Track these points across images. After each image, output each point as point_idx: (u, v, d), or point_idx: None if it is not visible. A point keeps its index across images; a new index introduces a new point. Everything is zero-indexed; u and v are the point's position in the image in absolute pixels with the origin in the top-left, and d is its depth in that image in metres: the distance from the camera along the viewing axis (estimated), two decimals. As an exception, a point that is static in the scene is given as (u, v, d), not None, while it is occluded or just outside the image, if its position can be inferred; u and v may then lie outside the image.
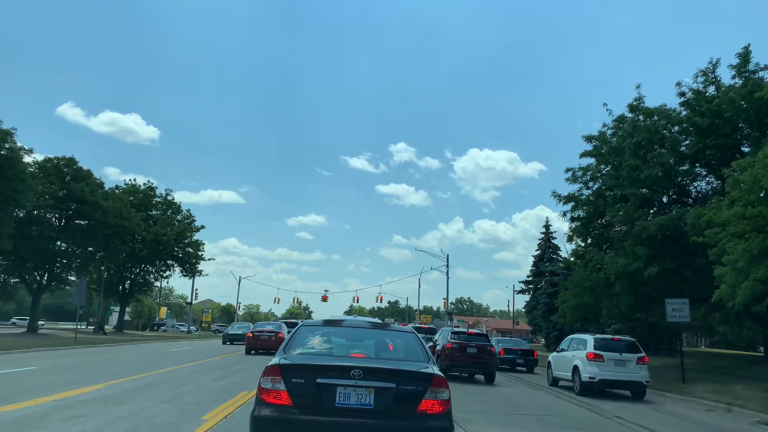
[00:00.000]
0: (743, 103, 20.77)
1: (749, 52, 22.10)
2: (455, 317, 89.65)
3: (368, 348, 6.14)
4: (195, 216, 59.05)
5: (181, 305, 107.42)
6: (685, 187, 26.15)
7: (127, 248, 47.53)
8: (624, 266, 22.95)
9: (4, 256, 38.86)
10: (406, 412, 5.04)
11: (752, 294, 15.22)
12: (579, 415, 12.29)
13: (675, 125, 24.77)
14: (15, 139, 31.71)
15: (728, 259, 16.15)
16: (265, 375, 5.17)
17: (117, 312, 64.39)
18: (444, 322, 68.48)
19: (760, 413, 13.08)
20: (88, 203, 40.15)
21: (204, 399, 10.59)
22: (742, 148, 23.11)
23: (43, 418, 7.85)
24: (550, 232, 61.08)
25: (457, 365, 19.09)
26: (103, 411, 8.67)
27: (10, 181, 30.77)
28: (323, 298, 76.95)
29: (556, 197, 28.90)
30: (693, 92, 23.78)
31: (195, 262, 58.02)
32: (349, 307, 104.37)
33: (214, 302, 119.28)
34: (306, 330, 6.38)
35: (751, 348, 53.09)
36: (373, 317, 18.63)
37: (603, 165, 27.63)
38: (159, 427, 7.71)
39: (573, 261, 31.63)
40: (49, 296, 76.80)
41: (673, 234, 22.30)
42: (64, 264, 44.10)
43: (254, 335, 28.09)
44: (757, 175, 15.38)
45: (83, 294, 33.26)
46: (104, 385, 11.76)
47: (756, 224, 15.50)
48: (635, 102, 27.17)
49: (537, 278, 59.68)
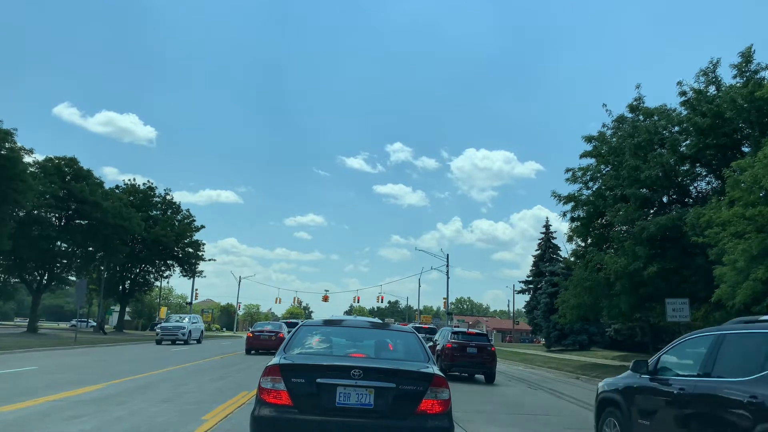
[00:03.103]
0: (744, 103, 20.78)
1: (752, 52, 22.12)
2: (455, 317, 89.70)
3: (368, 348, 6.15)
4: (194, 216, 59.11)
5: (181, 305, 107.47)
6: (685, 187, 26.17)
7: (127, 248, 47.51)
8: (624, 266, 22.96)
9: (4, 256, 38.85)
10: (406, 412, 5.04)
11: (752, 294, 15.23)
12: (580, 414, 12.29)
13: (675, 125, 24.80)
14: (15, 139, 31.74)
15: (728, 259, 16.17)
16: (265, 375, 5.17)
17: (117, 312, 64.39)
18: (444, 322, 68.53)
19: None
20: (89, 203, 40.15)
21: (204, 399, 10.59)
22: (742, 148, 23.12)
23: (43, 418, 7.85)
24: (550, 232, 61.13)
25: (457, 365, 19.08)
26: (103, 411, 8.67)
27: (10, 181, 30.77)
28: (324, 298, 77.03)
29: (556, 197, 28.97)
30: (694, 92, 23.81)
31: (195, 262, 58.02)
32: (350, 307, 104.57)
33: (214, 302, 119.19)
34: (306, 330, 6.38)
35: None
36: (373, 317, 18.66)
37: (603, 165, 27.67)
38: (159, 427, 7.71)
39: (573, 261, 31.67)
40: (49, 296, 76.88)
41: (673, 234, 22.31)
42: (64, 264, 44.11)
43: (254, 335, 28.11)
44: (757, 175, 15.39)
45: (83, 294, 33.30)
46: (104, 385, 11.76)
47: (756, 224, 15.50)
48: (635, 102, 27.22)
49: (537, 278, 59.72)
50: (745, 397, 4.77)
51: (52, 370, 14.99)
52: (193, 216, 58.36)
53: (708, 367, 5.59)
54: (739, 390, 4.90)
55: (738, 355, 5.37)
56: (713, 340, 5.79)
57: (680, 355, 6.39)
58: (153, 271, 58.13)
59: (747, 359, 5.15)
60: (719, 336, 5.76)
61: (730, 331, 5.71)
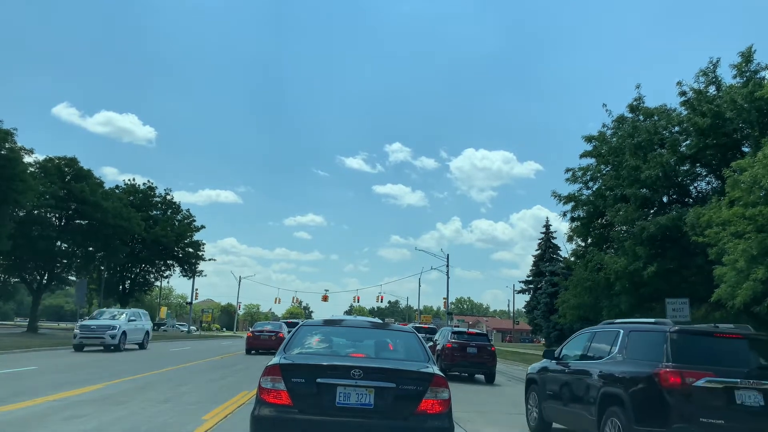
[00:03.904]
0: (744, 103, 20.77)
1: (752, 52, 22.10)
2: (455, 317, 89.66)
3: (368, 348, 6.15)
4: (194, 216, 59.10)
5: (182, 305, 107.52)
6: (685, 187, 26.17)
7: (127, 248, 47.53)
8: (624, 266, 22.95)
9: (4, 256, 38.84)
10: (406, 412, 5.04)
11: (752, 294, 15.21)
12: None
13: (675, 125, 24.80)
14: (15, 139, 31.75)
15: (728, 259, 16.15)
16: (265, 375, 5.17)
17: (117, 312, 64.34)
18: (444, 321, 68.46)
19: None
20: (89, 203, 40.14)
21: (204, 399, 10.59)
22: (742, 148, 23.12)
23: (43, 418, 7.85)
24: (550, 232, 61.16)
25: (457, 365, 19.08)
26: (103, 411, 8.67)
27: (11, 181, 30.76)
28: (323, 298, 76.93)
29: (556, 197, 28.99)
30: (694, 92, 23.80)
31: (195, 262, 58.03)
32: (350, 306, 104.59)
33: (215, 302, 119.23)
34: (306, 330, 6.38)
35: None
36: (373, 317, 18.63)
37: (603, 165, 27.68)
38: (159, 427, 7.71)
39: (573, 261, 31.66)
40: (49, 296, 76.83)
41: (673, 234, 22.31)
42: (64, 264, 44.09)
43: (254, 335, 28.11)
44: (756, 175, 15.37)
45: (83, 294, 33.28)
46: (104, 385, 11.76)
47: (756, 224, 15.49)
48: (635, 102, 27.22)
49: (537, 278, 59.74)
50: (598, 371, 7.52)
51: (51, 370, 14.98)
52: (193, 216, 58.39)
53: (585, 353, 8.44)
54: (597, 367, 7.64)
55: (599, 345, 8.11)
56: (588, 336, 8.71)
57: (573, 346, 9.07)
58: (153, 271, 58.15)
59: (602, 348, 7.95)
60: (592, 332, 8.68)
61: (598, 330, 8.62)
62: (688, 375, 6.26)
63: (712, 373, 6.29)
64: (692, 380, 6.23)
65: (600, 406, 7.14)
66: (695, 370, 6.31)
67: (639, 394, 6.58)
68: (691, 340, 6.83)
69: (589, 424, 7.40)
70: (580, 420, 7.82)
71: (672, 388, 6.25)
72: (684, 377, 6.25)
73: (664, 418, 6.23)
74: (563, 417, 8.52)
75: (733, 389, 6.28)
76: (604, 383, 7.21)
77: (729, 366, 6.48)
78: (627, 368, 7.02)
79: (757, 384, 6.33)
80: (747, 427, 6.27)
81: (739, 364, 6.54)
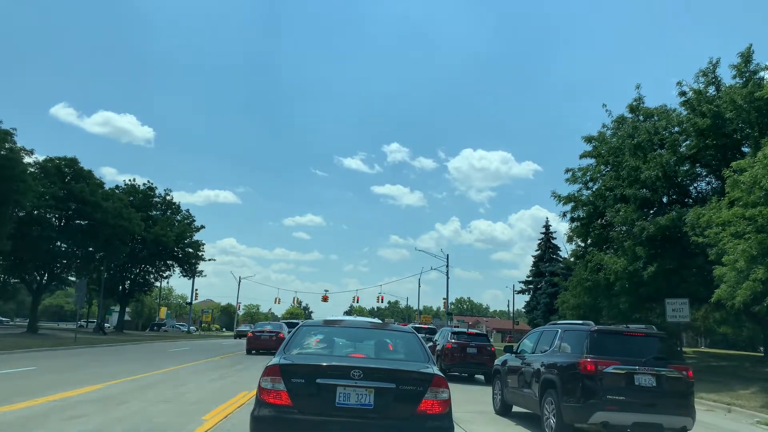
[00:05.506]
0: (743, 104, 20.79)
1: (752, 52, 22.12)
2: (455, 317, 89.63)
3: (368, 348, 6.15)
4: (194, 216, 59.11)
5: (181, 305, 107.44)
6: (685, 188, 26.17)
7: (127, 248, 47.48)
8: (624, 266, 22.96)
9: (4, 256, 38.78)
10: (406, 412, 5.04)
11: (752, 294, 15.22)
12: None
13: (675, 126, 24.80)
14: (15, 139, 31.70)
15: (728, 259, 16.16)
16: (265, 375, 5.17)
17: (117, 312, 64.35)
18: (444, 322, 68.45)
19: (760, 413, 13.09)
20: (89, 203, 40.10)
21: (204, 399, 10.59)
22: (742, 148, 23.12)
23: (43, 418, 7.85)
24: (549, 233, 61.17)
25: (457, 365, 19.07)
26: (103, 411, 8.67)
27: (10, 182, 30.71)
28: (323, 298, 76.85)
29: (555, 197, 28.99)
30: (694, 92, 23.81)
31: (195, 262, 58.02)
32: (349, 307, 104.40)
33: (214, 302, 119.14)
34: (306, 330, 6.38)
35: (751, 348, 53.10)
36: (373, 317, 18.62)
37: (603, 165, 27.67)
38: (159, 427, 7.72)
39: (573, 261, 31.68)
40: (49, 296, 76.83)
41: (673, 234, 22.32)
42: (64, 264, 44.05)
43: (254, 335, 28.10)
44: (756, 175, 15.39)
45: (83, 294, 33.23)
46: (104, 385, 11.76)
47: (756, 224, 15.50)
48: (635, 102, 27.21)
49: (537, 278, 59.75)
50: (541, 362, 9.43)
51: (52, 370, 14.98)
52: (192, 216, 58.44)
53: (535, 347, 10.25)
54: (541, 359, 9.52)
55: (545, 341, 10.01)
56: (538, 334, 10.66)
57: (528, 343, 10.90)
58: (153, 271, 58.15)
59: (546, 343, 9.89)
60: (541, 331, 10.75)
61: (545, 329, 10.68)
62: (600, 363, 8.16)
63: (618, 362, 8.19)
64: (603, 367, 8.13)
65: (541, 389, 9.10)
66: (606, 360, 8.20)
67: (566, 378, 8.48)
68: (605, 338, 8.73)
69: (534, 403, 9.41)
70: (528, 401, 9.81)
71: (588, 373, 8.16)
72: (597, 365, 8.15)
73: (582, 395, 8.14)
74: (518, 399, 10.42)
75: (633, 374, 8.14)
76: (545, 371, 9.15)
77: (632, 356, 8.34)
78: (559, 359, 8.99)
79: (651, 370, 8.19)
80: (642, 402, 8.08)
81: (640, 355, 8.41)
